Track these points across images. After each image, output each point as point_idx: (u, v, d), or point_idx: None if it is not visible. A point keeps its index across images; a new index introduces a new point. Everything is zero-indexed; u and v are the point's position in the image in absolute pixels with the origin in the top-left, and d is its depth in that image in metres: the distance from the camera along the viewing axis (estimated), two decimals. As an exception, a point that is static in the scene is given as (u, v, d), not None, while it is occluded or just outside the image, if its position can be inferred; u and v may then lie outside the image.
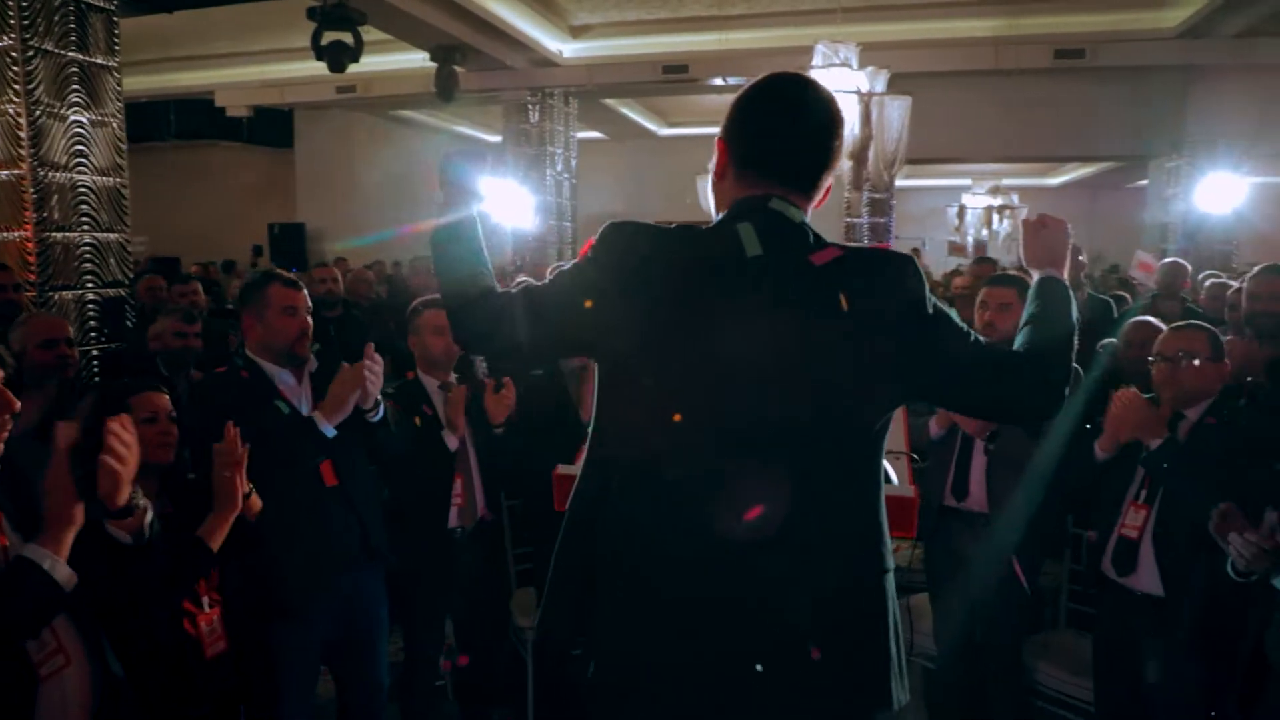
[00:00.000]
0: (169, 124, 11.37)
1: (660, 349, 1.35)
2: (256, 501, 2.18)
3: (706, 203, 1.59)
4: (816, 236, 1.41)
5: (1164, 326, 2.99)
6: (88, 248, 4.78)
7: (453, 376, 3.05)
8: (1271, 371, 2.90)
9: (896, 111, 6.58)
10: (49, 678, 1.60)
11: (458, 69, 9.40)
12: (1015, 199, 13.50)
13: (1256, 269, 3.26)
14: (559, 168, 11.40)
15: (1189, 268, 5.46)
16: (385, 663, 2.92)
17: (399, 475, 2.91)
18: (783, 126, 1.42)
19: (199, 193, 13.27)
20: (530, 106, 10.90)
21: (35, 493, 1.71)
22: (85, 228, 4.78)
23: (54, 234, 4.64)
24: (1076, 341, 1.50)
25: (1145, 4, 8.65)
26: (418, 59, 9.80)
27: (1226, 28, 8.36)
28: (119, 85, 4.96)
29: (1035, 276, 1.61)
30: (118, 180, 4.99)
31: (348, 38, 7.15)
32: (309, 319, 2.59)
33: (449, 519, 2.99)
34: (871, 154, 6.65)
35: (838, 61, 6.42)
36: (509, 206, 10.77)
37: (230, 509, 2.06)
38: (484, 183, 1.60)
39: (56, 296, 4.57)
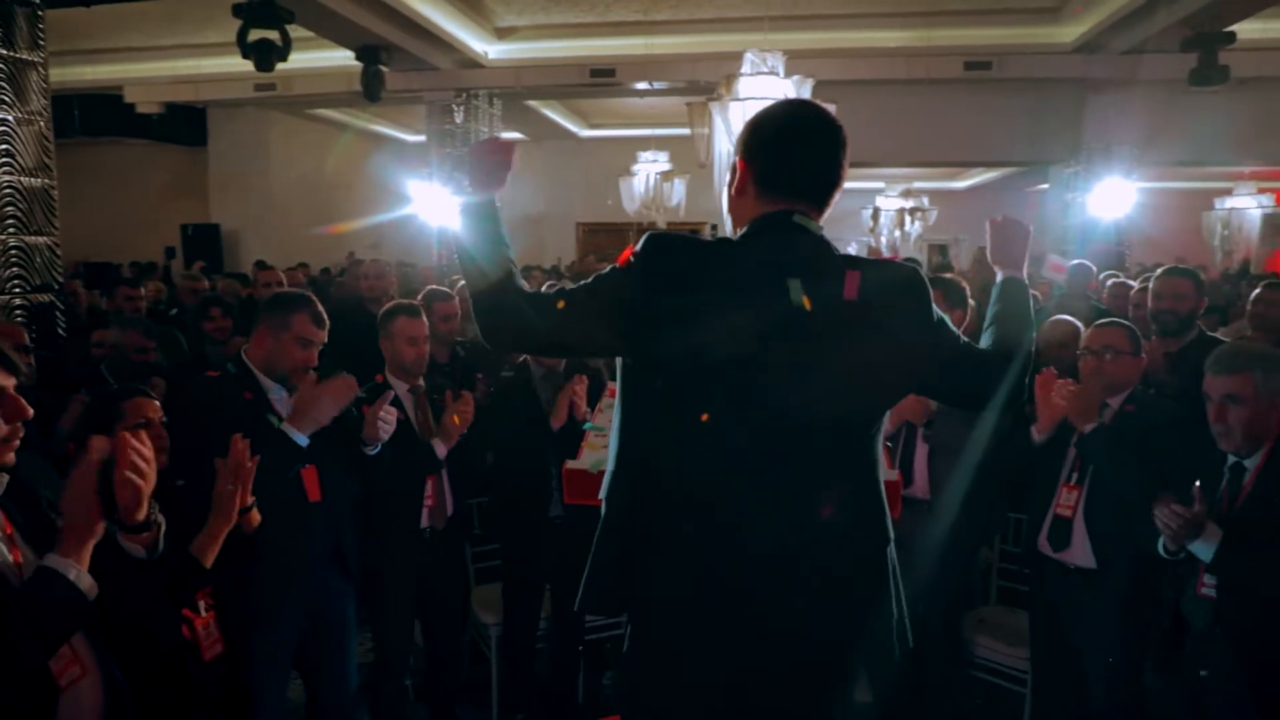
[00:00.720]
0: (74, 120, 10.86)
1: (708, 368, 1.48)
2: (256, 516, 2.20)
3: (629, 204, 1.78)
4: (833, 249, 1.57)
5: (1080, 324, 3.26)
6: (14, 251, 4.63)
7: (420, 382, 3.11)
8: (1173, 365, 3.19)
9: (822, 118, 6.83)
10: (67, 688, 1.62)
11: (383, 69, 9.31)
12: (926, 201, 14.07)
13: (1160, 270, 3.58)
14: (484, 168, 11.39)
15: (1095, 269, 5.88)
16: (354, 663, 2.96)
17: (373, 478, 2.95)
18: (803, 148, 1.58)
19: (106, 192, 12.71)
20: (455, 107, 10.87)
21: (40, 503, 1.73)
22: (11, 230, 4.63)
23: (-19, 236, 4.49)
24: (1026, 331, 1.73)
25: (1045, 20, 9.18)
26: (340, 57, 9.66)
27: (1116, 45, 8.95)
28: (45, 81, 4.83)
29: (999, 275, 1.81)
30: (45, 180, 4.86)
31: (275, 36, 7.02)
32: (316, 357, 2.61)
33: (421, 519, 3.05)
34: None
35: (765, 70, 6.66)
36: (435, 207, 10.75)
37: (225, 524, 2.07)
38: (507, 175, 1.66)
39: (-18, 301, 4.42)
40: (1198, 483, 2.22)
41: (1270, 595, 2.21)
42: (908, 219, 13.79)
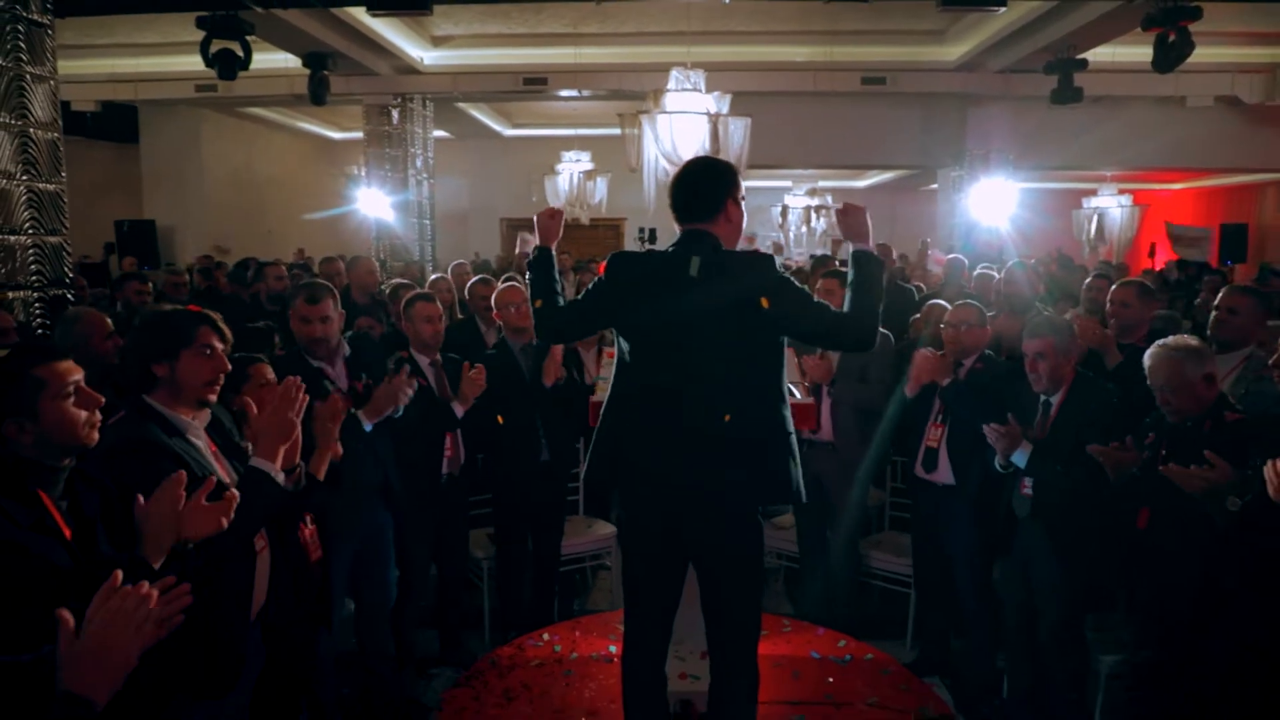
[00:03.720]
0: (7, 117, 10.94)
1: (638, 323, 2.46)
2: (339, 448, 2.91)
3: (554, 201, 2.85)
4: (719, 246, 2.47)
5: (981, 308, 4.24)
6: (33, 250, 5.16)
7: (439, 357, 3.87)
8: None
9: (738, 129, 7.72)
10: (260, 553, 2.37)
11: (327, 73, 9.82)
12: (829, 199, 15.23)
13: (1007, 265, 4.60)
14: (418, 166, 11.97)
15: (965, 262, 6.97)
16: (393, 575, 3.68)
17: (404, 435, 3.66)
18: (674, 189, 2.55)
19: (34, 188, 12.76)
20: (392, 110, 11.41)
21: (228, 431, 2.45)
22: (30, 231, 5.15)
23: (8, 237, 5.01)
24: (883, 293, 2.58)
25: (932, 41, 10.34)
26: (280, 59, 10.08)
27: (993, 64, 10.17)
28: (55, 93, 5.34)
29: (850, 248, 2.59)
30: (58, 185, 5.38)
31: (237, 47, 7.52)
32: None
33: (442, 467, 3.81)
34: (718, 165, 7.74)
35: (689, 86, 7.53)
36: (371, 204, 11.29)
37: (329, 450, 2.76)
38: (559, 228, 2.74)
39: (11, 295, 4.95)
40: (1010, 414, 3.19)
41: (1067, 489, 3.18)
42: (813, 216, 14.91)
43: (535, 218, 2.74)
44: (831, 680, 3.29)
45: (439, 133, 14.83)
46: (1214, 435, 2.77)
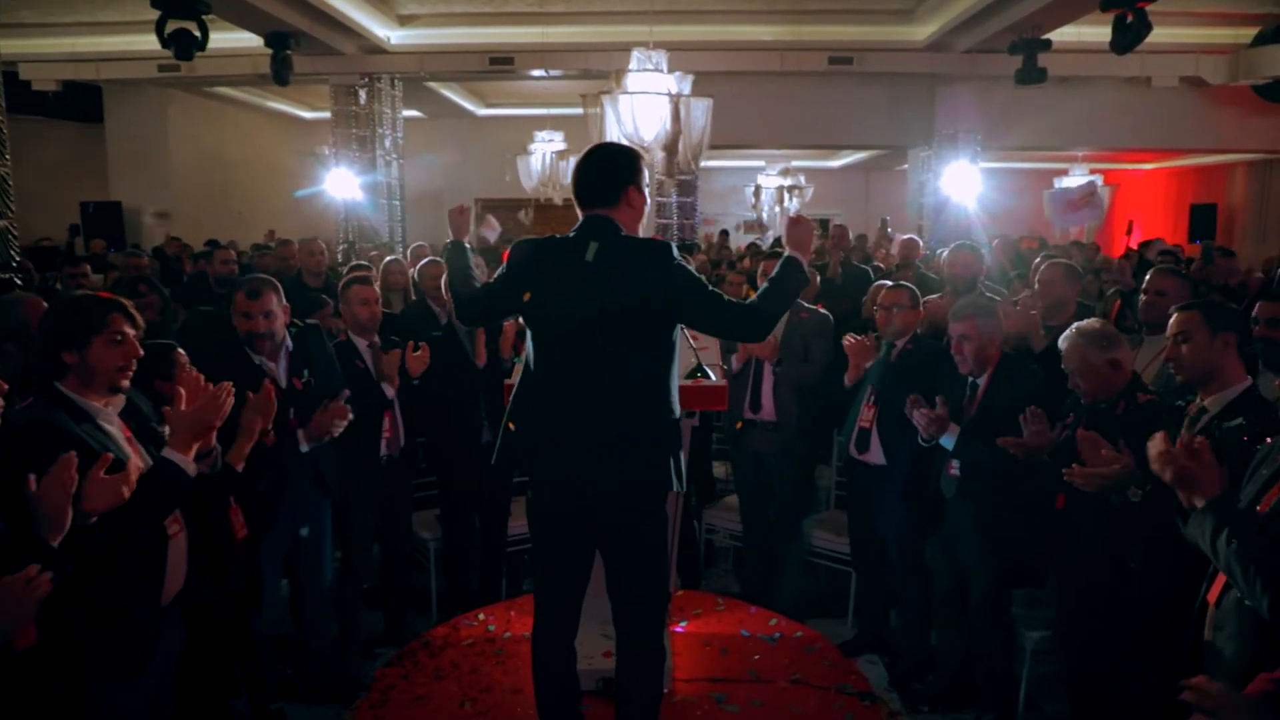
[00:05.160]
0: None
1: (537, 313, 2.49)
2: (272, 436, 2.94)
3: (527, 181, 2.93)
4: (619, 231, 2.49)
5: (916, 290, 4.26)
6: (-22, 233, 5.09)
7: (376, 339, 3.88)
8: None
9: (700, 110, 7.71)
10: (172, 538, 2.39)
11: (290, 54, 9.72)
12: (802, 179, 15.26)
13: (950, 247, 4.63)
14: (387, 146, 11.88)
15: (920, 242, 7.00)
16: (330, 564, 3.72)
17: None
18: (578, 173, 2.57)
19: (-3, 168, 12.60)
20: (359, 89, 11.31)
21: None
22: (-27, 214, 5.08)
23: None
24: (789, 304, 2.66)
25: (900, 20, 10.32)
26: (243, 38, 9.97)
27: (960, 44, 10.16)
28: (-1, 75, 5.24)
29: (786, 251, 2.64)
30: (3, 169, 5.32)
31: (194, 27, 7.44)
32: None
33: (380, 448, 3.83)
34: (681, 146, 7.77)
35: (650, 66, 7.51)
36: (340, 185, 11.22)
37: (250, 441, 2.74)
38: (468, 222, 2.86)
39: (-44, 279, 4.89)
40: (939, 396, 3.23)
41: (992, 470, 3.24)
42: (787, 195, 14.94)
43: (448, 214, 2.87)
44: (758, 658, 3.35)
45: (411, 112, 14.73)
46: (1126, 417, 2.83)
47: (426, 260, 5.40)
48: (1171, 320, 2.56)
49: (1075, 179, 14.65)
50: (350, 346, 3.82)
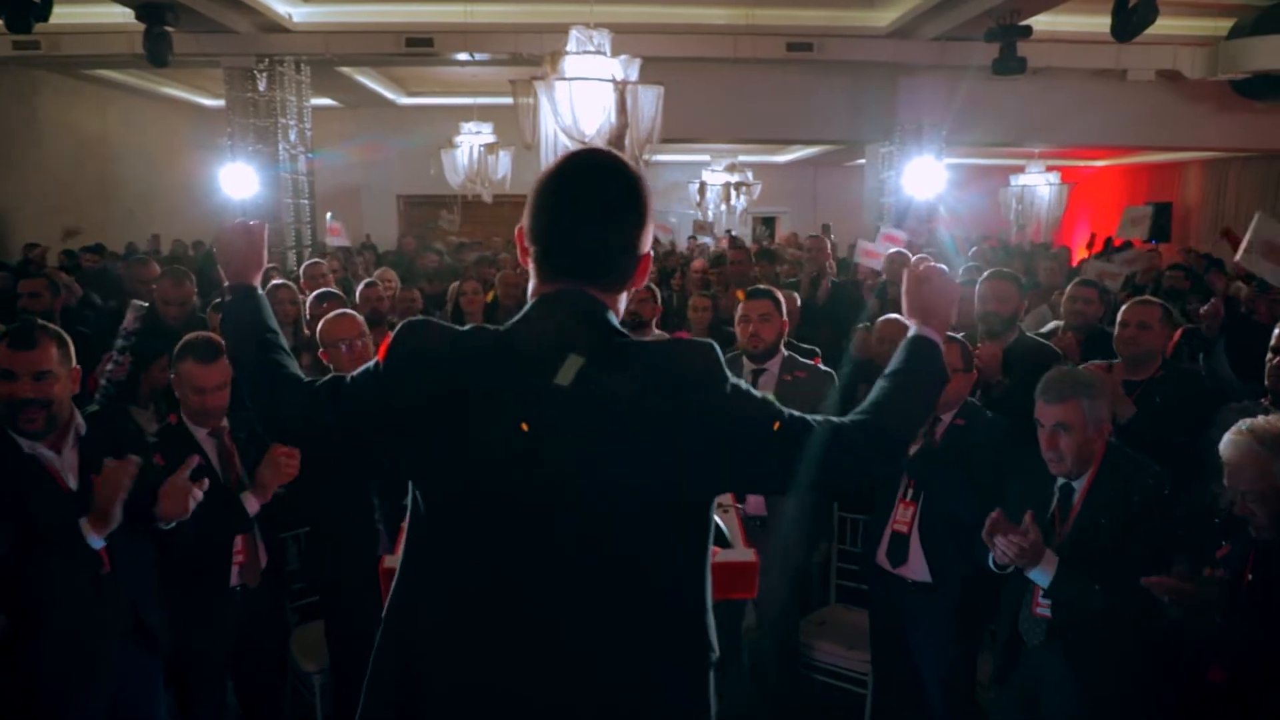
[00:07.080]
0: None
1: (462, 465, 1.33)
2: None
3: (453, 176, 1.63)
4: (612, 326, 1.36)
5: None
6: None
7: (224, 423, 2.73)
8: (1006, 368, 3.29)
9: (649, 99, 6.71)
10: None
11: (169, 30, 8.36)
12: (750, 175, 14.32)
13: (987, 273, 3.68)
14: (293, 139, 10.56)
15: (911, 257, 6.06)
16: None
17: (171, 539, 2.55)
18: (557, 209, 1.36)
19: None
20: (257, 74, 9.97)
21: None
22: None
23: None
24: (929, 407, 1.51)
25: (862, 5, 9.42)
26: (118, 12, 8.58)
27: (926, 31, 9.32)
28: None
29: (910, 329, 1.52)
30: None
31: (33, -8, 6.11)
32: None
33: (230, 578, 2.70)
34: (628, 140, 6.75)
35: (591, 48, 6.46)
36: (238, 179, 9.86)
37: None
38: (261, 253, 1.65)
39: None
40: (1030, 511, 2.25)
41: (1100, 611, 2.28)
42: (733, 193, 13.99)
43: (216, 238, 1.75)
44: None
45: (323, 100, 13.38)
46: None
47: (316, 295, 4.25)
48: None
49: (1033, 176, 14.05)
50: (183, 435, 2.66)
